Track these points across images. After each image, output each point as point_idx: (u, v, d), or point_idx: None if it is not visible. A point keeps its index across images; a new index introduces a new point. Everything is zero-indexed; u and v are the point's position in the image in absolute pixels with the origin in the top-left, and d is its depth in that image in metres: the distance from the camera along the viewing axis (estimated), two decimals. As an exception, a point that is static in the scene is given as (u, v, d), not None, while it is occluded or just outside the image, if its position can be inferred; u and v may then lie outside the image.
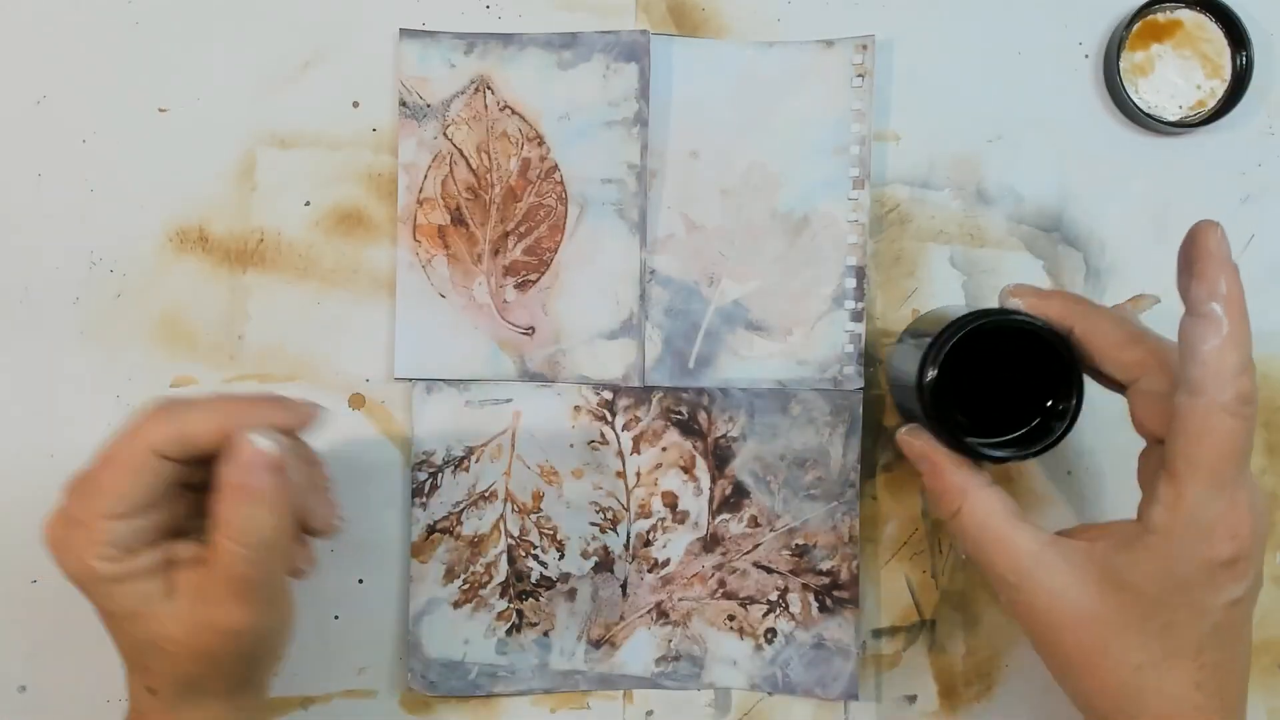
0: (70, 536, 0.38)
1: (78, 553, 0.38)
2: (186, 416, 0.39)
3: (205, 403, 0.39)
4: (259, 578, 0.39)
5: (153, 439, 0.38)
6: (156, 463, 0.38)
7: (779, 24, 0.53)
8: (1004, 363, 0.43)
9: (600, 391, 0.53)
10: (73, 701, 0.54)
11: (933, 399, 0.42)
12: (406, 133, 0.52)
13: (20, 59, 0.53)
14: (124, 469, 0.38)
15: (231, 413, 0.39)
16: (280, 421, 0.40)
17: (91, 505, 0.38)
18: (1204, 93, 0.53)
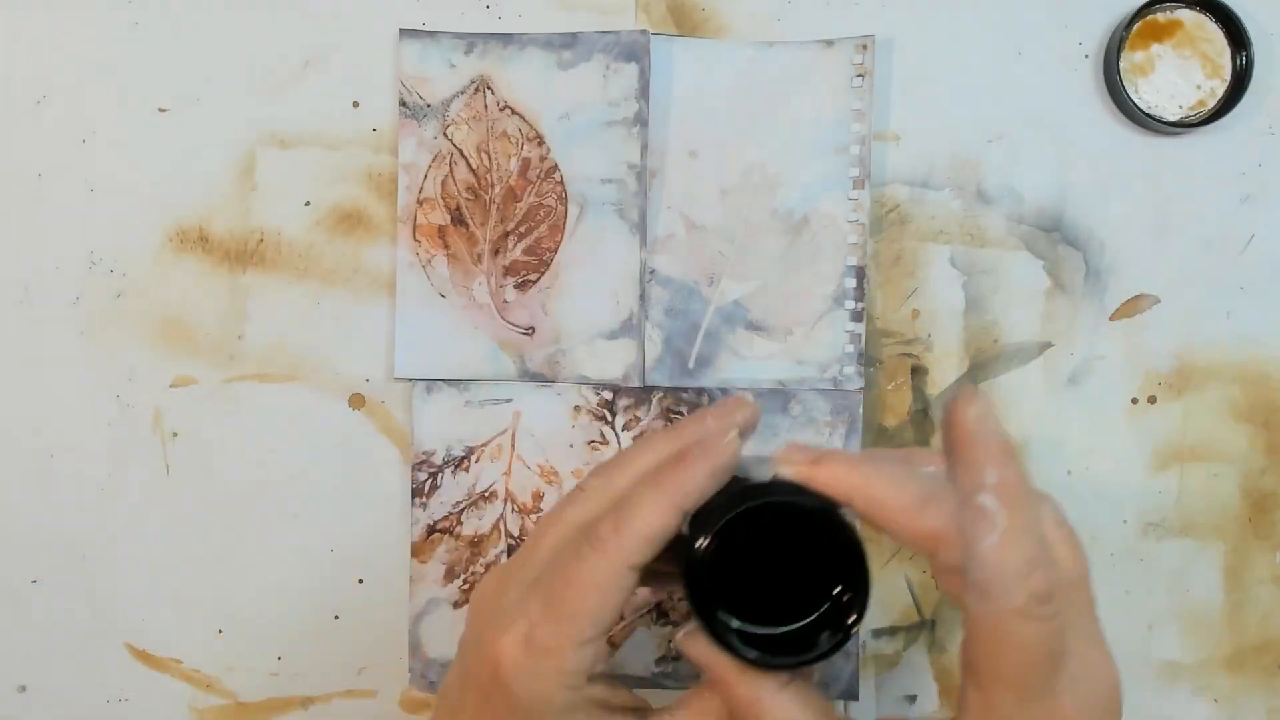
0: (539, 665, 0.34)
1: (546, 681, 0.34)
2: (651, 520, 0.34)
3: (653, 496, 0.34)
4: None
5: (630, 556, 0.34)
6: (632, 577, 0.34)
7: (779, 24, 0.53)
8: (786, 544, 0.36)
9: (600, 391, 0.53)
10: (73, 701, 0.54)
11: (693, 598, 0.34)
12: (406, 133, 0.52)
13: (20, 59, 0.53)
14: (601, 590, 0.34)
15: (675, 493, 0.34)
16: (721, 468, 0.35)
17: (565, 631, 0.34)
18: (1204, 93, 0.53)
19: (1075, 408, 0.54)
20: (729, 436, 0.35)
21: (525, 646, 0.34)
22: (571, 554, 0.35)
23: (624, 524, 0.34)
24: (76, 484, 0.54)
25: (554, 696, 0.34)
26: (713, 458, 0.35)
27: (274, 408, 0.53)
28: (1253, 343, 0.54)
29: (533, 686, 0.34)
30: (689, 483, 0.34)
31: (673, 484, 0.34)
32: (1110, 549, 0.54)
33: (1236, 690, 0.54)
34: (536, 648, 0.34)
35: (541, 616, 0.34)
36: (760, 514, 0.34)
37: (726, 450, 0.35)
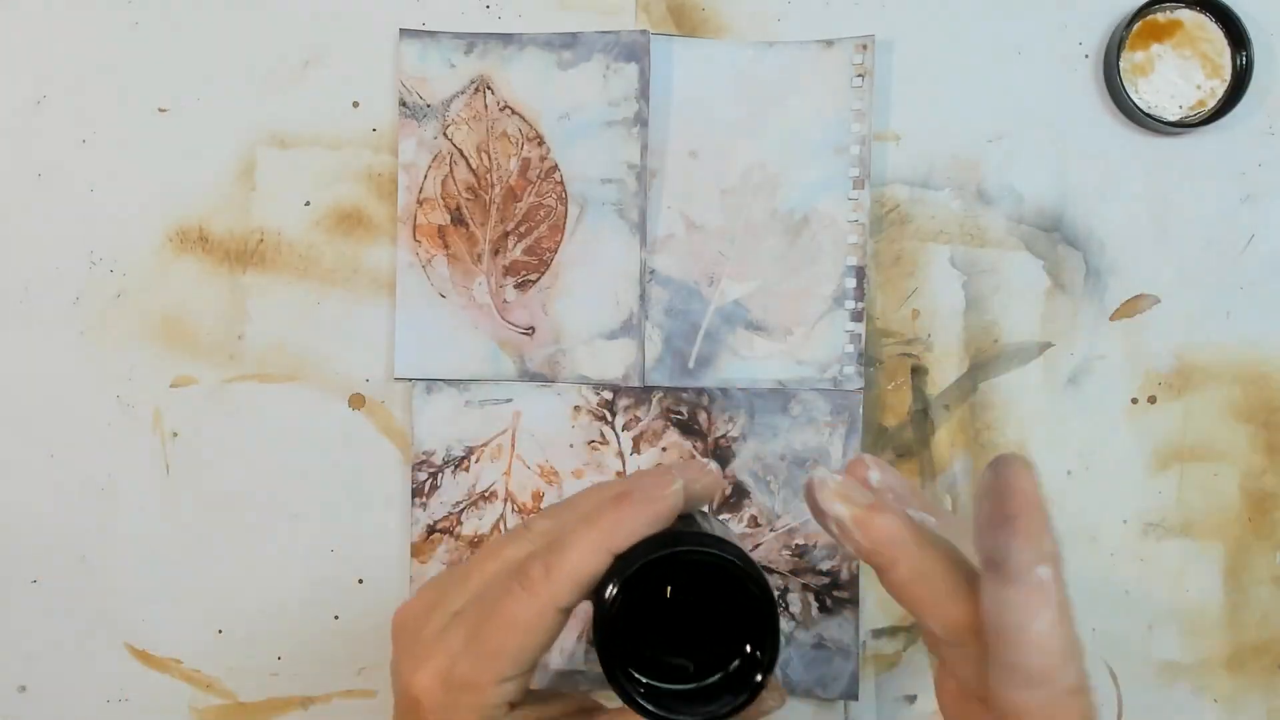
0: (457, 700, 0.34)
1: (465, 714, 0.34)
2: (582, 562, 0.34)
3: (586, 536, 0.34)
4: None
5: (559, 598, 0.33)
6: (560, 619, 0.34)
7: (779, 24, 0.53)
8: (701, 598, 0.35)
9: (600, 391, 0.53)
10: (73, 701, 0.54)
11: (599, 649, 0.34)
12: (406, 133, 0.52)
13: (20, 59, 0.53)
14: (527, 630, 0.34)
15: (607, 535, 0.34)
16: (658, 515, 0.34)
17: (485, 668, 0.34)
18: (1204, 93, 0.53)
19: (1075, 408, 0.54)
20: (673, 487, 0.35)
21: (444, 682, 0.34)
22: (501, 590, 0.34)
23: (555, 565, 0.33)
24: (76, 484, 0.54)
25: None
26: (652, 504, 0.34)
27: (274, 408, 0.53)
28: (1253, 343, 0.54)
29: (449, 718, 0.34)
30: (621, 526, 0.34)
31: (606, 526, 0.34)
32: (1110, 549, 0.54)
33: (1236, 690, 0.54)
34: (455, 683, 0.34)
35: (463, 651, 0.34)
36: (675, 566, 0.33)
37: (667, 500, 0.34)
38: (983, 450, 0.54)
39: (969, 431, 0.54)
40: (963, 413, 0.54)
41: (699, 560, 0.33)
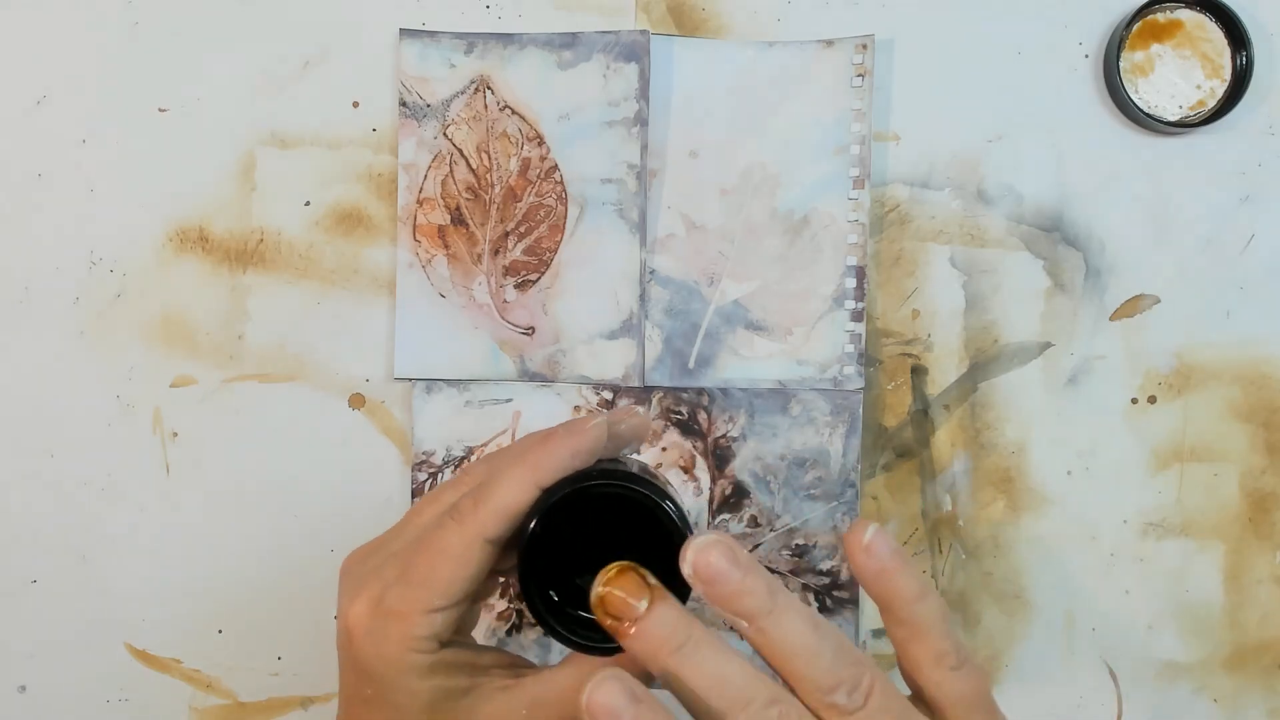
0: (385, 629, 0.35)
1: (392, 645, 0.35)
2: (509, 494, 0.35)
3: (513, 470, 0.35)
4: None
5: (487, 528, 0.35)
6: (488, 550, 0.35)
7: (779, 24, 0.53)
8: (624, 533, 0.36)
9: (600, 391, 0.53)
10: (73, 701, 0.54)
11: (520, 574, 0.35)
12: (406, 133, 0.52)
13: (20, 59, 0.53)
14: (455, 560, 0.34)
15: (533, 468, 0.35)
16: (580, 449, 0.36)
17: (413, 597, 0.35)
18: (1204, 93, 0.53)
19: (1075, 408, 0.54)
20: (596, 421, 0.36)
21: (374, 610, 0.35)
22: (434, 526, 0.35)
23: (483, 498, 0.35)
24: (76, 484, 0.54)
25: (401, 659, 0.35)
26: (575, 438, 0.36)
27: (274, 408, 0.53)
28: (1253, 343, 0.54)
29: (379, 649, 0.35)
30: (547, 458, 0.35)
31: (532, 459, 0.35)
32: (1110, 549, 0.54)
33: (1236, 690, 0.54)
34: (384, 611, 0.35)
35: (394, 582, 0.35)
36: (597, 501, 0.35)
37: (590, 433, 0.36)
38: (983, 450, 0.54)
39: (969, 431, 0.54)
40: (963, 413, 0.54)
41: (615, 494, 0.35)
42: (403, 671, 0.35)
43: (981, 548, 0.54)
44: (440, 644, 0.36)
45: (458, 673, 0.36)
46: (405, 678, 0.35)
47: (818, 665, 0.29)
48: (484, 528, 0.35)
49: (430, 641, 0.35)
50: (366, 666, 0.36)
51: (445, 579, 0.35)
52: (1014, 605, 0.54)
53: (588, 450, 0.36)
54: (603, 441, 0.36)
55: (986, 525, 0.54)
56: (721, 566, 0.30)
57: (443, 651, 0.36)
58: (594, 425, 0.36)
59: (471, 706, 0.36)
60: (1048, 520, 0.54)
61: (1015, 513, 0.54)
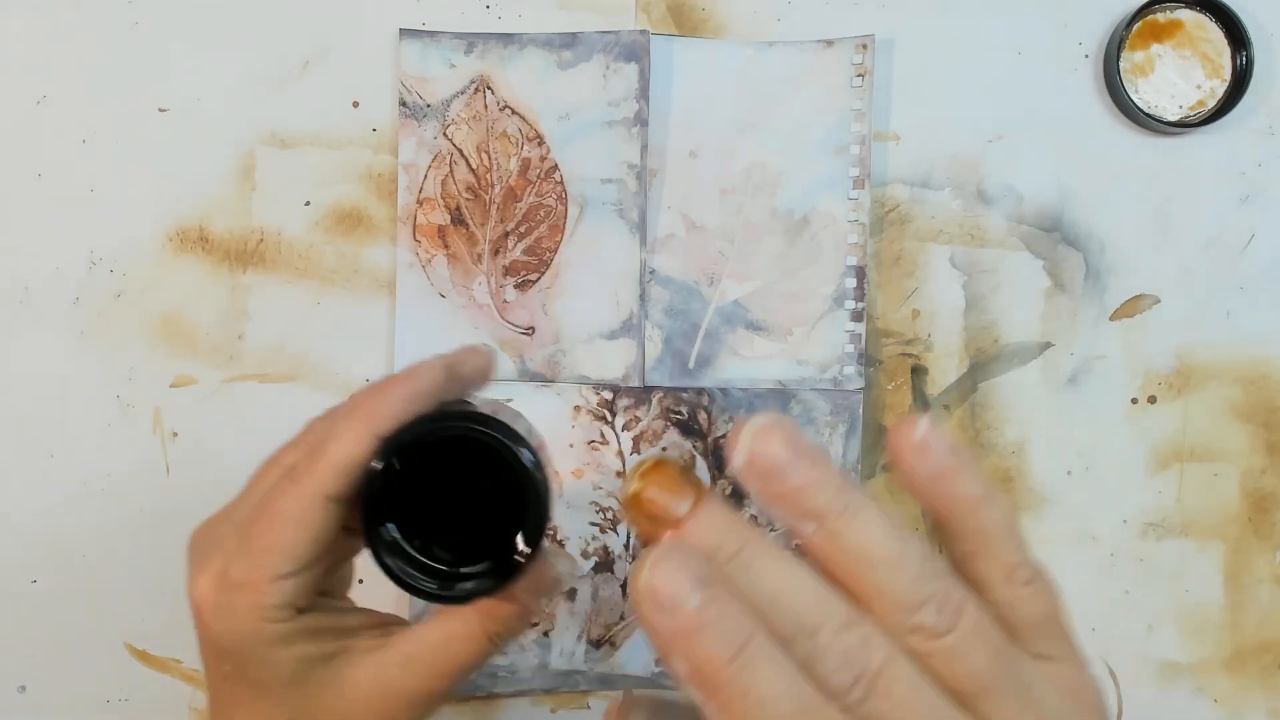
0: (233, 601, 0.33)
1: (242, 618, 0.33)
2: (345, 448, 0.33)
3: (347, 424, 0.34)
4: (485, 664, 0.36)
5: (324, 485, 0.33)
6: (330, 509, 0.33)
7: (779, 24, 0.53)
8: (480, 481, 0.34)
9: (600, 391, 0.53)
10: (73, 701, 0.54)
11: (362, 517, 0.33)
12: (406, 133, 0.52)
13: (20, 59, 0.53)
14: (295, 523, 0.33)
15: (372, 418, 0.33)
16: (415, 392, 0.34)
17: (258, 566, 0.33)
18: (1204, 93, 0.53)
19: (1075, 408, 0.54)
20: (429, 362, 0.35)
21: (219, 584, 0.34)
22: (273, 490, 0.34)
23: (318, 454, 0.33)
24: (76, 484, 0.54)
25: (255, 631, 0.33)
26: (408, 382, 0.34)
27: (274, 408, 0.53)
28: (1253, 343, 0.54)
29: (230, 624, 0.33)
30: (381, 406, 0.33)
31: (366, 409, 0.33)
32: (1110, 549, 0.54)
33: (1236, 690, 0.54)
34: (229, 584, 0.33)
35: (237, 552, 0.33)
36: (443, 446, 0.33)
37: (424, 376, 0.34)
38: (983, 450, 0.54)
39: (969, 431, 0.54)
40: (963, 413, 0.54)
41: (459, 437, 0.33)
42: (259, 643, 0.33)
43: (981, 548, 0.54)
44: (297, 610, 0.34)
45: (321, 638, 0.35)
46: (262, 649, 0.34)
47: (901, 577, 0.24)
48: (322, 485, 0.33)
49: (284, 610, 0.34)
50: (220, 642, 0.34)
51: (288, 543, 0.33)
52: (1014, 605, 0.54)
53: (423, 393, 0.34)
54: (439, 383, 0.35)
55: (986, 525, 0.54)
56: (784, 456, 0.24)
57: (301, 618, 0.34)
58: (426, 367, 0.35)
59: (340, 671, 0.35)
60: (1048, 520, 0.54)
61: (1015, 512, 0.54)
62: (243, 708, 0.35)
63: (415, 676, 0.35)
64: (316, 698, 0.34)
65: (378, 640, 0.36)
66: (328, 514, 0.33)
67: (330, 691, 0.34)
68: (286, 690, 0.34)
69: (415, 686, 0.35)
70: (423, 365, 0.35)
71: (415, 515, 0.33)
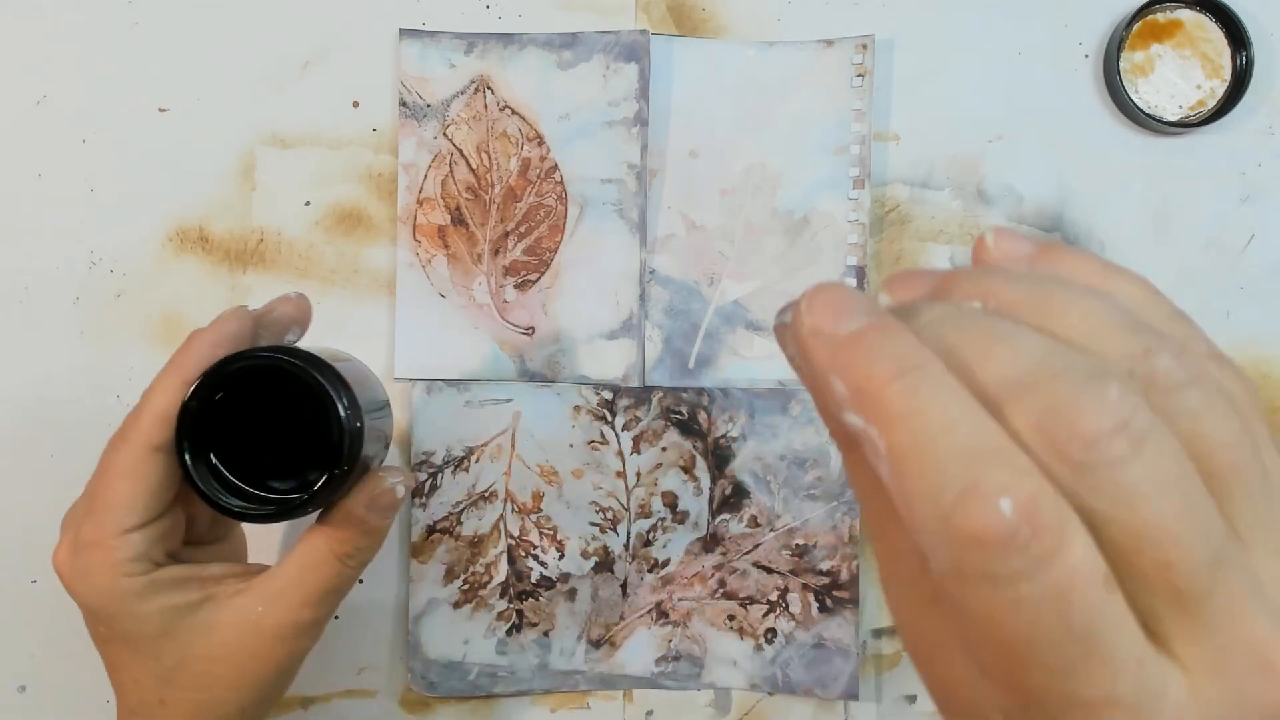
0: (87, 562, 0.35)
1: (98, 575, 0.35)
2: (161, 398, 0.35)
3: (162, 377, 0.36)
4: (347, 587, 0.38)
5: (147, 437, 0.35)
6: (159, 459, 0.35)
7: (779, 24, 0.53)
8: (294, 412, 0.36)
9: (600, 391, 0.53)
10: (73, 701, 0.54)
11: (176, 442, 0.35)
12: (406, 133, 0.52)
13: (20, 59, 0.53)
14: (128, 477, 0.35)
15: (184, 366, 0.36)
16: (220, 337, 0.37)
17: (102, 523, 0.35)
18: (1204, 93, 0.53)
19: (1075, 408, 0.53)
20: (234, 309, 0.37)
21: (72, 548, 0.36)
22: (109, 449, 0.36)
23: (139, 409, 0.35)
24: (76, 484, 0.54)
25: (112, 587, 0.35)
26: (213, 329, 0.36)
27: (274, 408, 0.53)
28: (1253, 343, 0.54)
29: (88, 583, 0.35)
30: (189, 354, 0.36)
31: (177, 360, 0.36)
32: (1110, 549, 0.54)
33: (1236, 690, 0.54)
34: (81, 545, 0.35)
35: (84, 516, 0.36)
36: (256, 379, 0.35)
37: (228, 322, 0.37)
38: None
39: (969, 431, 0.54)
40: (963, 413, 0.54)
41: (251, 367, 0.35)
42: (120, 598, 0.35)
43: (981, 548, 0.54)
44: (154, 564, 0.36)
45: (184, 588, 0.36)
46: (125, 604, 0.35)
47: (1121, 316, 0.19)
48: (147, 436, 0.35)
49: (138, 563, 0.35)
50: (88, 604, 0.36)
51: (127, 498, 0.35)
52: (1014, 605, 0.54)
53: (230, 337, 0.36)
54: (246, 326, 0.37)
55: (986, 525, 0.54)
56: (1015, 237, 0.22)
57: (160, 571, 0.36)
58: (230, 313, 0.37)
59: (207, 618, 0.36)
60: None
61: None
62: (125, 667, 0.37)
63: (278, 609, 0.37)
64: (189, 645, 0.36)
65: (240, 585, 0.37)
66: (157, 464, 0.35)
67: (200, 638, 0.36)
68: (158, 642, 0.36)
69: (281, 619, 0.37)
70: (227, 312, 0.37)
71: (243, 450, 0.36)
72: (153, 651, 0.36)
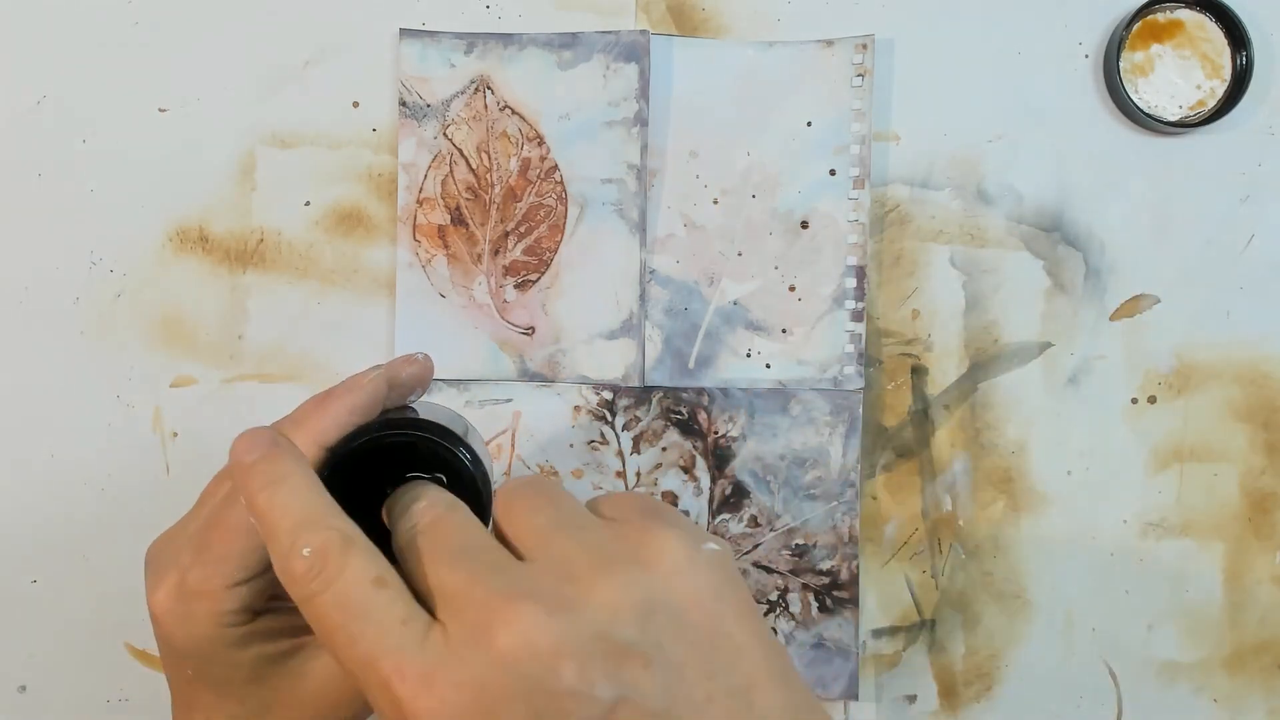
0: (192, 610, 0.35)
1: (202, 625, 0.35)
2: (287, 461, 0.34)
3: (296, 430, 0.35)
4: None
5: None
6: None
7: (779, 24, 0.53)
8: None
9: (600, 391, 0.53)
10: (73, 701, 0.54)
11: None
12: (406, 133, 0.52)
13: (20, 59, 0.53)
14: (248, 535, 0.35)
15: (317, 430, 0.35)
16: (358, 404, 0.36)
17: (212, 575, 0.35)
18: (1204, 93, 0.53)
19: (1075, 408, 0.54)
20: (373, 375, 0.37)
21: (177, 594, 0.36)
22: (225, 503, 0.36)
23: (265, 465, 0.34)
24: (76, 484, 0.54)
25: (214, 635, 0.35)
26: (352, 395, 0.36)
27: (274, 408, 0.53)
28: (1253, 343, 0.54)
29: (190, 630, 0.35)
30: (326, 419, 0.35)
31: (311, 423, 0.35)
32: (1110, 549, 0.54)
33: (1236, 690, 0.54)
34: (188, 593, 0.35)
35: (193, 563, 0.35)
36: (388, 453, 0.35)
37: (368, 387, 0.36)
38: (983, 450, 0.54)
39: (969, 431, 0.54)
40: (963, 413, 0.54)
41: (399, 441, 0.35)
42: (218, 646, 0.35)
43: (981, 548, 0.54)
44: (254, 614, 0.36)
45: (278, 637, 0.37)
46: (222, 652, 0.36)
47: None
48: None
49: (240, 614, 0.35)
50: (181, 648, 0.36)
51: (240, 553, 0.35)
52: (1014, 605, 0.54)
53: (366, 405, 0.36)
54: (381, 394, 0.37)
55: (986, 525, 0.54)
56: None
57: (257, 620, 0.36)
58: (371, 379, 0.36)
59: (295, 666, 0.37)
60: (1048, 520, 0.54)
61: (1015, 513, 0.54)
62: (206, 708, 0.37)
63: None
64: (276, 691, 0.36)
65: None
66: None
67: (288, 685, 0.36)
68: (246, 688, 0.36)
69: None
70: (363, 376, 0.37)
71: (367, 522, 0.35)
72: (240, 696, 0.36)
